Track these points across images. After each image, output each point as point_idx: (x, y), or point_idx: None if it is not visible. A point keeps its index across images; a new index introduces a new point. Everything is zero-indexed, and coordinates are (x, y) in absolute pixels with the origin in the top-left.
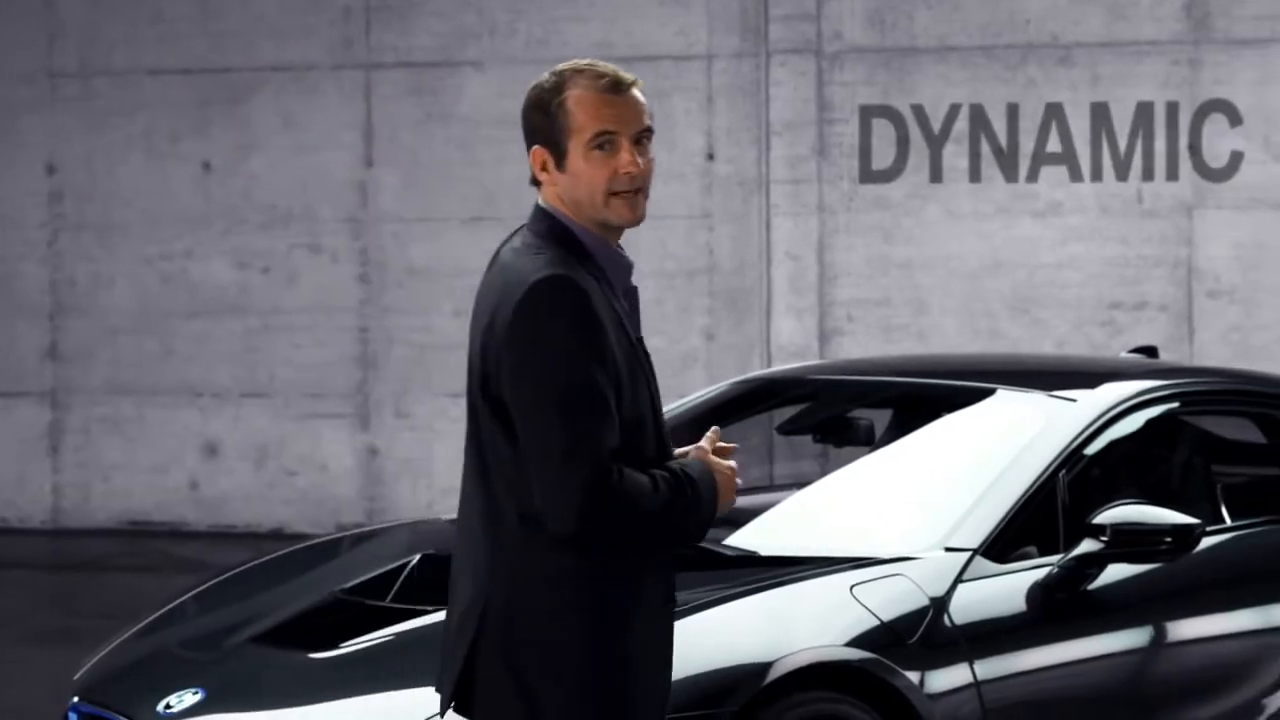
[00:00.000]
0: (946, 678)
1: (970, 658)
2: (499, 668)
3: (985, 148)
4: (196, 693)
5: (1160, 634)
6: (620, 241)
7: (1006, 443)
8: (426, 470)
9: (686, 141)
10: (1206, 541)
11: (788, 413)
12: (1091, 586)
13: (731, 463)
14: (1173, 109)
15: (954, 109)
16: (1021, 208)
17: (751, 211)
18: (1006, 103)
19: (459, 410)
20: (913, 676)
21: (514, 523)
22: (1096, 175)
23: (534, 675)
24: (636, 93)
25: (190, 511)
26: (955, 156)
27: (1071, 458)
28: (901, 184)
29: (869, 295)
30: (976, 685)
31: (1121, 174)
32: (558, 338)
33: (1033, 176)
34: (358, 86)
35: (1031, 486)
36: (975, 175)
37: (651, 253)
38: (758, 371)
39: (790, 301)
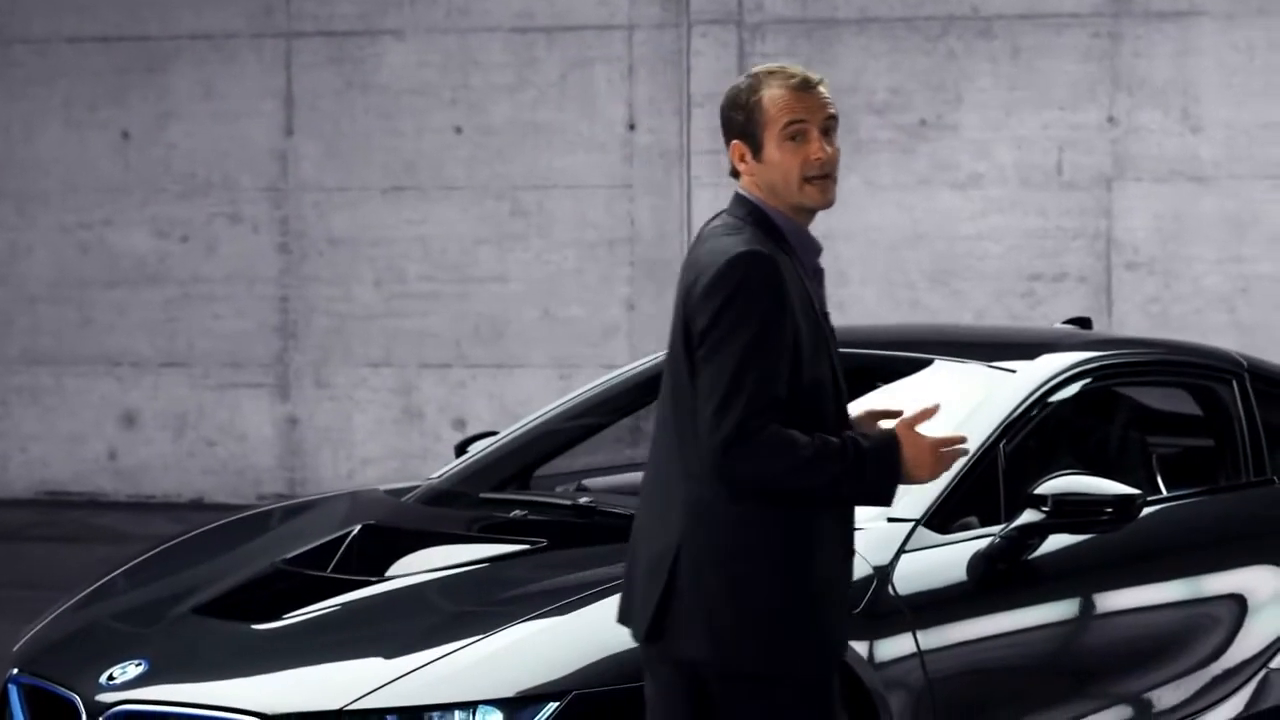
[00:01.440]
0: (891, 647)
1: (914, 627)
2: (690, 602)
3: (906, 119)
4: (139, 664)
5: (1100, 604)
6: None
7: (947, 413)
8: (346, 440)
9: (608, 111)
10: (1145, 512)
11: None
12: (1033, 557)
13: (939, 437)
14: (1092, 81)
15: (875, 80)
16: (942, 179)
17: (673, 182)
18: (927, 74)
19: (379, 380)
20: (858, 646)
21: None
22: (1017, 147)
23: (721, 608)
24: (822, 89)
25: (108, 481)
26: (876, 128)
27: (1012, 428)
28: None
29: None
30: (920, 655)
31: (1042, 146)
32: (747, 303)
33: (953, 149)
34: (278, 55)
35: (973, 457)
36: (896, 147)
37: (572, 222)
38: None
39: None
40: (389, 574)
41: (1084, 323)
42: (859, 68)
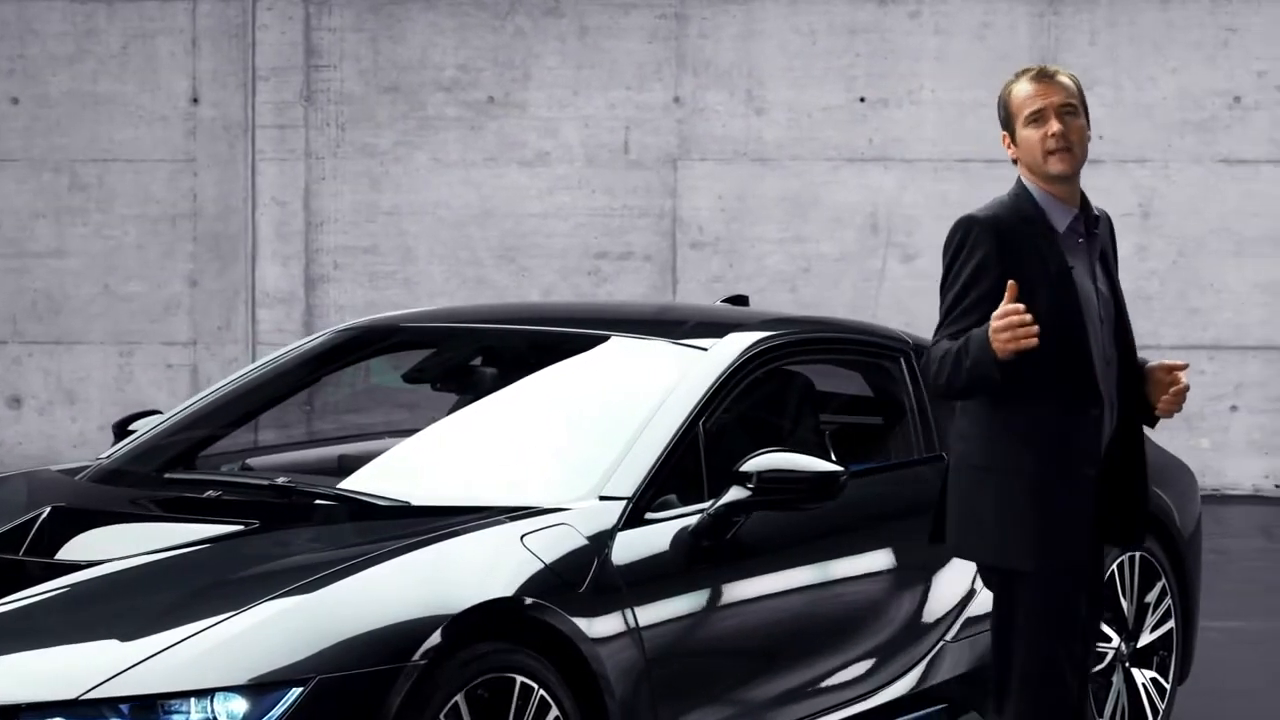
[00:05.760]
0: (610, 624)
1: (631, 604)
2: (946, 504)
3: (474, 96)
4: None
5: (790, 582)
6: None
7: (645, 391)
8: None
9: (170, 84)
10: None
11: (399, 359)
12: (739, 533)
13: (1013, 319)
14: (659, 62)
15: (443, 57)
16: (509, 157)
17: (237, 156)
18: (495, 52)
19: None
20: (580, 623)
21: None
22: (584, 126)
23: (956, 505)
24: (1061, 78)
25: None
26: (444, 105)
27: (710, 405)
28: (390, 131)
29: (355, 242)
30: (638, 631)
31: (608, 125)
32: (950, 259)
33: (521, 126)
34: None
35: (677, 434)
36: (463, 124)
37: (133, 197)
38: (359, 319)
39: (276, 248)
40: (92, 557)
41: (742, 301)
42: (426, 44)
